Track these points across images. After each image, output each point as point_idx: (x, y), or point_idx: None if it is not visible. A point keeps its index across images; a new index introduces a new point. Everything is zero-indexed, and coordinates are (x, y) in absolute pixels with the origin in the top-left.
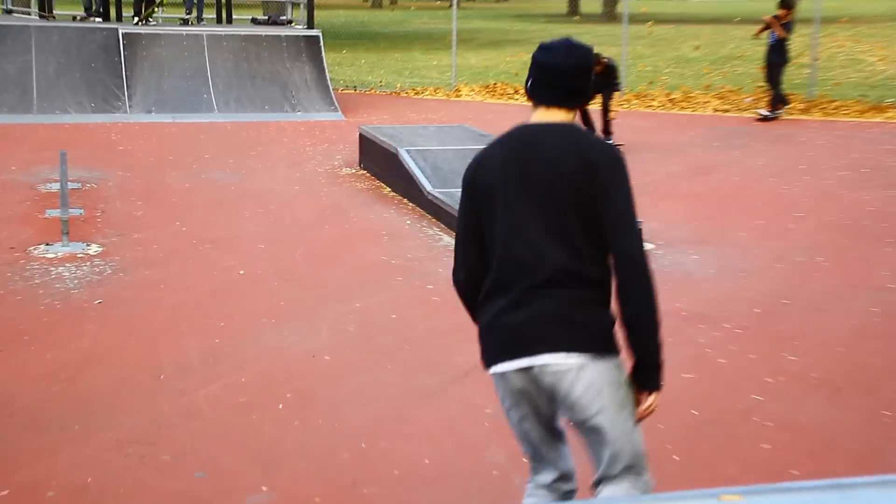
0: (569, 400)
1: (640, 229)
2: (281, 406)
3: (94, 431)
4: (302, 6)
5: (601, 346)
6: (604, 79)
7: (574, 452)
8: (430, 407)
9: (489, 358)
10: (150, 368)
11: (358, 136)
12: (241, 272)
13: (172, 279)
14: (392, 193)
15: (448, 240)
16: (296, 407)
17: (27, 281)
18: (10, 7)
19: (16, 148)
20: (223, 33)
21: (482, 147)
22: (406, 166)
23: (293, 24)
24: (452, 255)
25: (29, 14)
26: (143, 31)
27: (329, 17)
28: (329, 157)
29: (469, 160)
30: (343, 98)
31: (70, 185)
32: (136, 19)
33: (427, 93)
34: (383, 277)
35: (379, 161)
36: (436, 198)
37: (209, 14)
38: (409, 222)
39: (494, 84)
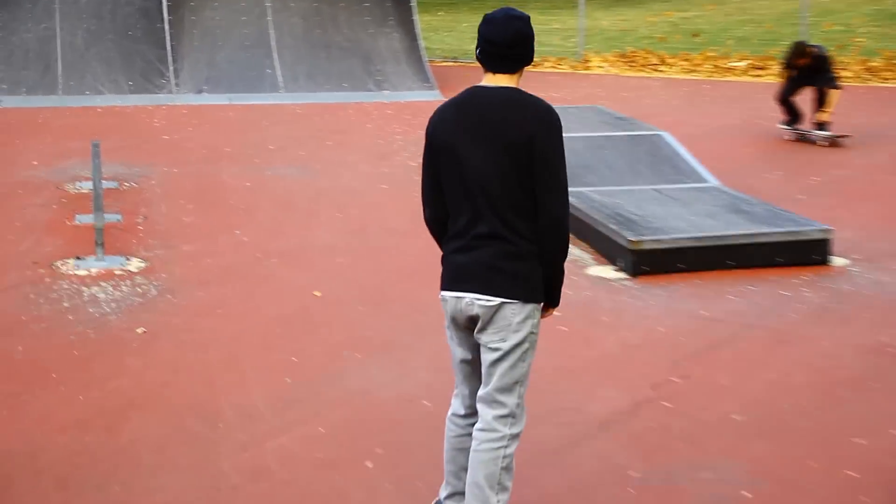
0: (485, 327)
1: (567, 193)
2: (370, 464)
3: (137, 493)
4: None
5: (522, 294)
6: (814, 72)
7: None
8: (557, 466)
9: (442, 285)
10: (206, 415)
11: None
12: (317, 294)
13: (231, 302)
14: None
15: (577, 252)
16: (388, 465)
17: (54, 304)
18: None
19: (38, 138)
20: None
21: (443, 106)
22: None
23: None
24: (421, 199)
25: None
26: None
27: None
28: (419, 143)
29: (602, 150)
30: (440, 72)
31: (105, 185)
32: None
33: (547, 64)
34: None
35: None
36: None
37: None
38: None
39: (633, 52)
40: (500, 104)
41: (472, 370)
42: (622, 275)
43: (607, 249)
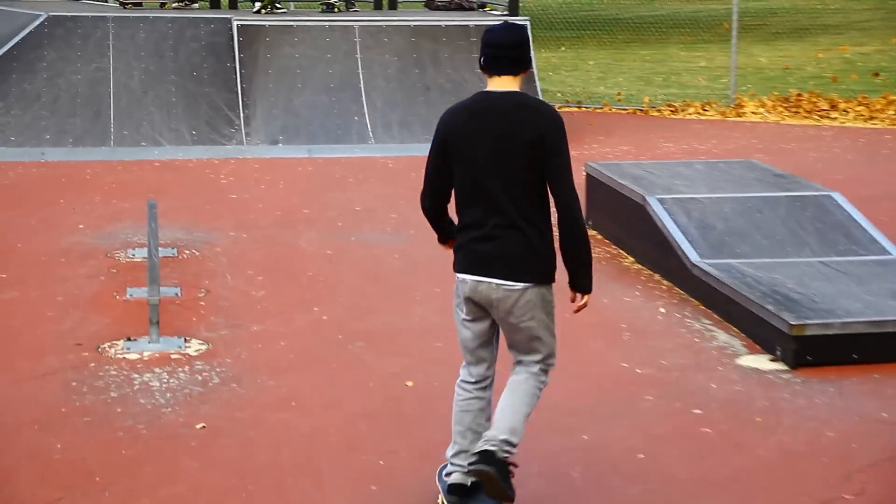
0: (511, 310)
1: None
2: None
3: None
4: None
5: (541, 278)
6: None
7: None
8: None
9: (459, 268)
10: None
11: (584, 177)
12: (409, 384)
13: (308, 393)
14: (636, 265)
15: (725, 337)
16: None
17: (99, 394)
18: None
19: (85, 196)
20: (384, 24)
21: (455, 109)
22: (659, 224)
23: (487, 9)
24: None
25: (106, 1)
26: (267, 23)
27: None
28: None
29: (757, 213)
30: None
31: (162, 252)
32: (258, 5)
33: (691, 110)
34: (624, 395)
35: (616, 215)
36: (706, 273)
37: None
38: (663, 310)
39: (798, 95)
40: (514, 107)
41: (480, 344)
42: (780, 366)
43: (762, 335)
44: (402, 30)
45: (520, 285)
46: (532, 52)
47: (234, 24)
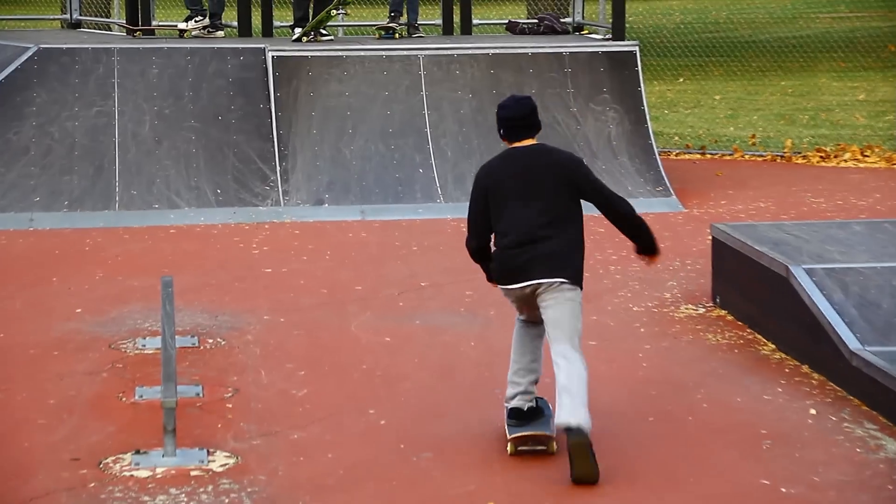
0: (543, 301)
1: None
2: None
3: None
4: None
5: (571, 277)
6: None
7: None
8: None
9: (502, 280)
10: None
11: (709, 241)
12: None
13: None
14: (778, 354)
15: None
16: None
17: None
18: (78, 17)
19: (84, 273)
20: (456, 53)
21: (490, 161)
22: (807, 301)
23: (585, 32)
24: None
25: (109, 29)
26: (309, 53)
27: (650, 12)
28: (652, 282)
29: None
30: (677, 168)
31: (179, 342)
32: (298, 31)
33: (847, 156)
34: None
35: (751, 290)
36: (869, 364)
37: (429, 18)
38: (813, 411)
39: None
40: (539, 152)
41: (534, 336)
42: None
43: None
44: (478, 60)
45: (554, 280)
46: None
47: (269, 55)
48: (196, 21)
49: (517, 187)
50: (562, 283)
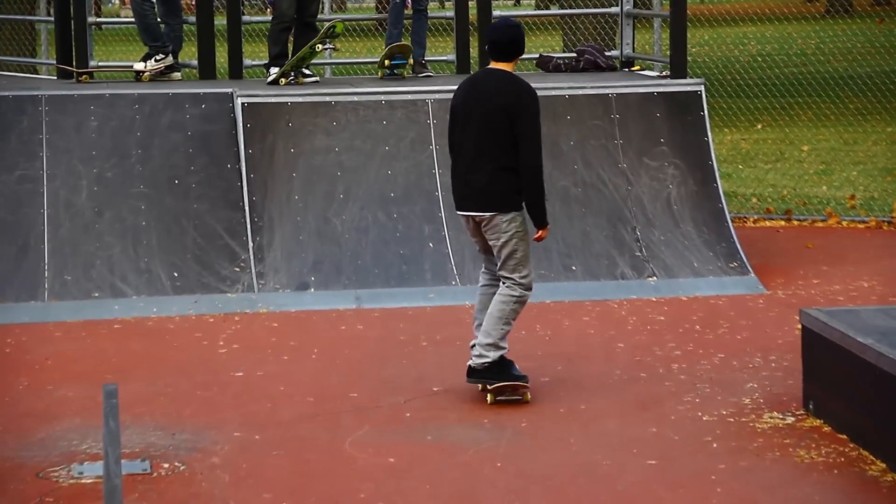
0: (486, 232)
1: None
2: None
3: None
4: (657, 25)
5: (505, 207)
6: None
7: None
8: None
9: (456, 206)
10: None
11: (799, 331)
12: None
13: None
14: (891, 476)
15: None
16: None
17: None
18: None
19: (4, 382)
20: None
21: (463, 80)
22: None
23: (637, 69)
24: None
25: (36, 71)
26: (289, 98)
27: (718, 41)
28: (727, 383)
29: None
30: (757, 239)
31: (126, 468)
32: (275, 71)
33: None
34: None
35: (856, 394)
36: None
37: (439, 52)
38: None
39: None
40: (497, 80)
41: (488, 253)
42: None
43: None
44: None
45: (488, 214)
46: (523, 44)
47: (238, 101)
48: (157, 60)
49: (466, 112)
50: (494, 215)
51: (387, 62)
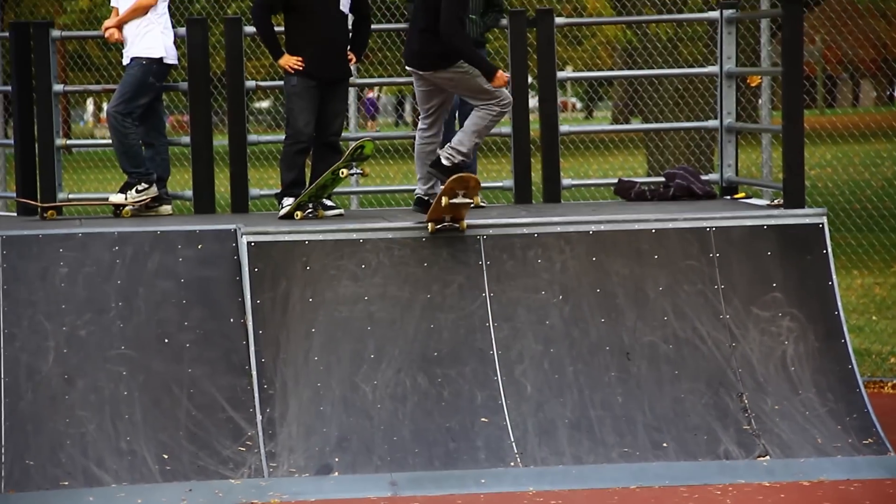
0: (435, 83)
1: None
2: None
3: None
4: (766, 142)
5: (439, 64)
6: None
7: None
8: None
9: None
10: None
11: None
12: None
13: None
14: None
15: None
16: None
17: None
18: None
19: None
20: (536, 231)
21: None
22: None
23: (740, 197)
24: None
25: None
26: (306, 237)
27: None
28: None
29: None
30: (894, 409)
31: None
32: (289, 203)
33: None
34: None
35: None
36: None
37: (493, 178)
38: None
39: None
40: None
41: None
42: None
43: None
44: (572, 241)
45: (428, 71)
46: None
47: (244, 240)
48: (138, 190)
49: None
50: (434, 73)
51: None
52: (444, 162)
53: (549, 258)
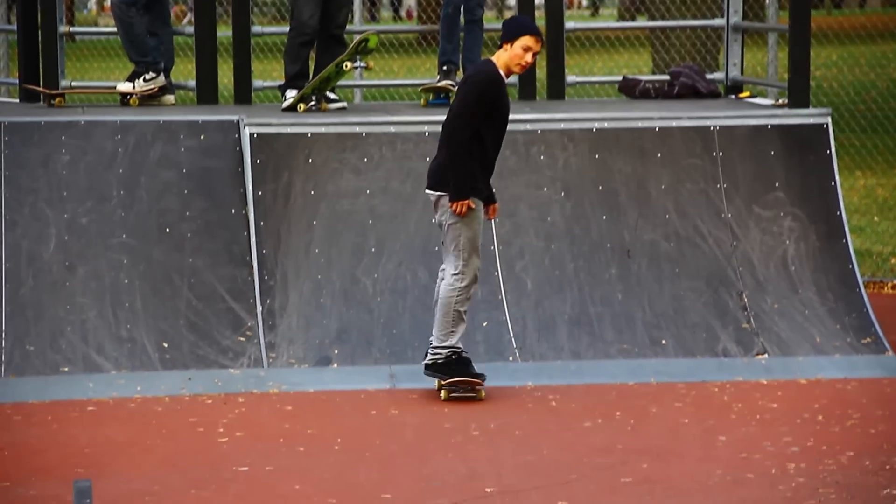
0: (437, 211)
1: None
2: None
3: None
4: (772, 42)
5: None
6: None
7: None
8: None
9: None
10: None
11: None
12: None
13: None
14: None
15: None
16: None
17: None
18: None
19: None
20: (539, 127)
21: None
22: None
23: (744, 96)
24: None
25: None
26: (309, 129)
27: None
28: (856, 488)
29: None
30: (893, 308)
31: None
32: (292, 95)
33: None
34: None
35: None
36: None
37: None
38: None
39: None
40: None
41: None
42: None
43: None
44: (575, 138)
45: (437, 193)
46: (515, 29)
47: (246, 132)
48: (146, 79)
49: None
50: (441, 195)
51: (423, 100)
52: (432, 361)
53: (552, 155)
